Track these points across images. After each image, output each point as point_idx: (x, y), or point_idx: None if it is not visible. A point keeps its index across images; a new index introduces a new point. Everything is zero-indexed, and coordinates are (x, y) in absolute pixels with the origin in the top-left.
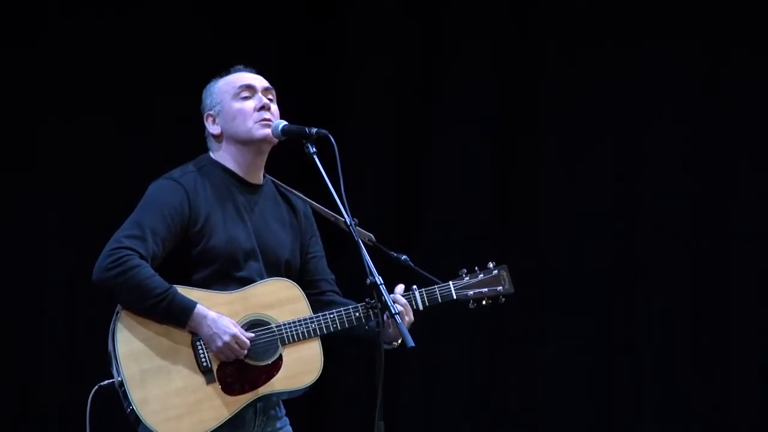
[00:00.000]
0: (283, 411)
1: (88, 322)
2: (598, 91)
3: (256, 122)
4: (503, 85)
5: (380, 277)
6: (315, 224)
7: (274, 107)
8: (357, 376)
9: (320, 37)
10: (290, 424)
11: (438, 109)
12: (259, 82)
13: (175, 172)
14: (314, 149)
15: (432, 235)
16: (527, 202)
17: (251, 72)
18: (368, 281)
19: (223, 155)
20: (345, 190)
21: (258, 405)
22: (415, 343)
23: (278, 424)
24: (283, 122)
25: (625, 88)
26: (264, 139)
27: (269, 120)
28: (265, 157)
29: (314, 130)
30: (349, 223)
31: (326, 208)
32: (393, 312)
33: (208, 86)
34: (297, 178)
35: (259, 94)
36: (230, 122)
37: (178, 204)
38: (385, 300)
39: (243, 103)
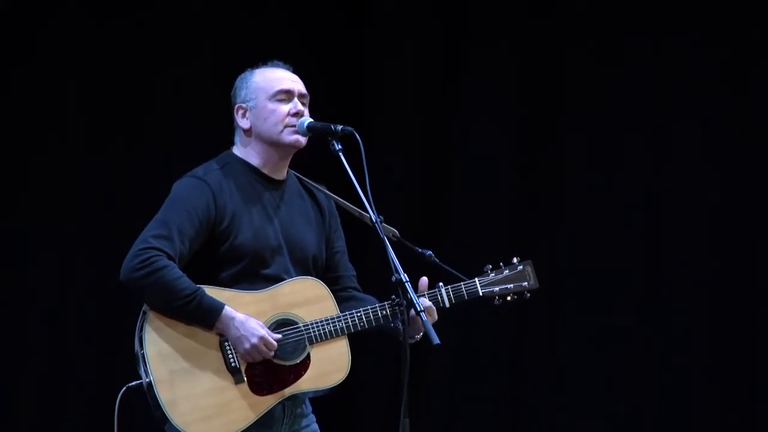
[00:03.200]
0: (310, 408)
1: (115, 322)
2: (624, 88)
3: (287, 127)
4: (529, 81)
5: (405, 274)
6: (338, 219)
7: (306, 113)
8: (382, 373)
9: (347, 35)
10: (316, 422)
11: (464, 104)
12: (297, 87)
13: (199, 170)
14: (340, 146)
15: (458, 231)
16: (553, 198)
17: (289, 70)
18: (393, 278)
19: (249, 151)
20: (370, 187)
21: (286, 403)
22: (440, 340)
23: (305, 422)
24: (309, 119)
25: (653, 86)
26: (292, 145)
27: None
28: (290, 157)
29: (340, 127)
30: (374, 220)
31: (351, 203)
32: (419, 309)
33: (243, 77)
34: (319, 172)
35: (296, 99)
36: (262, 121)
37: (204, 203)
38: (411, 297)
39: (278, 106)
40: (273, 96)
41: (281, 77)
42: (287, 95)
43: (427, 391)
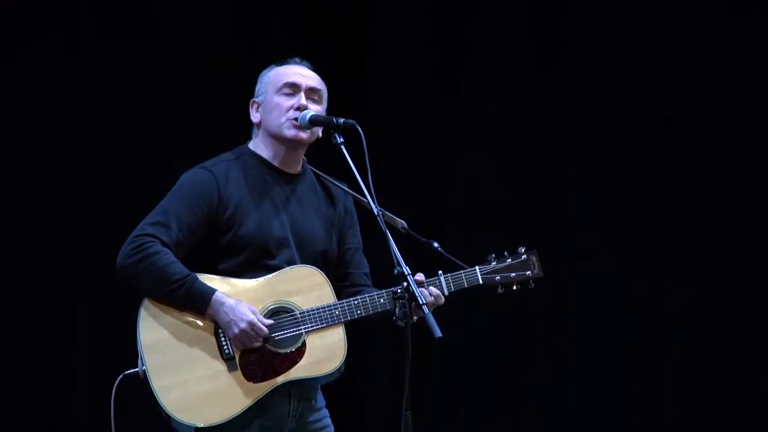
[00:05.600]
0: (323, 402)
1: (115, 318)
2: (625, 89)
3: (287, 120)
4: (530, 83)
5: (408, 268)
6: (355, 216)
7: (316, 108)
8: (384, 366)
9: (347, 37)
10: (329, 416)
11: (466, 93)
12: (306, 81)
13: (209, 161)
14: (341, 139)
15: (458, 233)
16: (554, 197)
17: (305, 67)
18: (396, 271)
19: (260, 145)
20: (372, 180)
21: (292, 392)
22: (442, 333)
23: (316, 416)
24: (311, 112)
25: (653, 87)
26: (293, 139)
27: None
28: (302, 152)
29: (341, 120)
30: (376, 213)
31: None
32: (421, 302)
33: (262, 73)
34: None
35: (302, 93)
36: (267, 114)
37: (206, 190)
38: (413, 291)
39: (283, 99)
40: (279, 89)
41: (291, 71)
42: (293, 89)
43: (428, 383)
